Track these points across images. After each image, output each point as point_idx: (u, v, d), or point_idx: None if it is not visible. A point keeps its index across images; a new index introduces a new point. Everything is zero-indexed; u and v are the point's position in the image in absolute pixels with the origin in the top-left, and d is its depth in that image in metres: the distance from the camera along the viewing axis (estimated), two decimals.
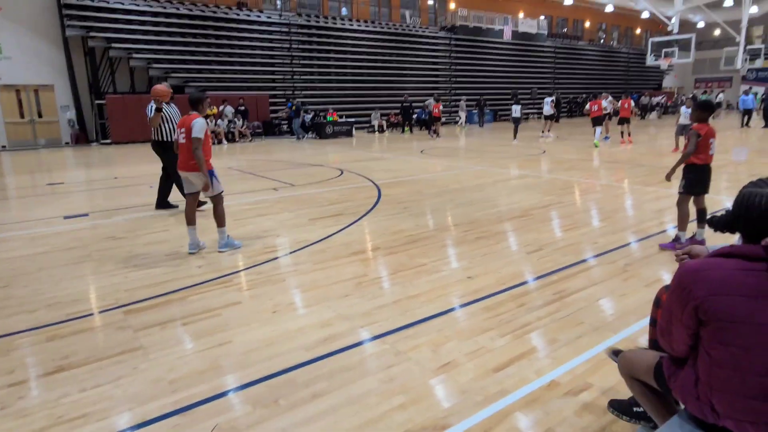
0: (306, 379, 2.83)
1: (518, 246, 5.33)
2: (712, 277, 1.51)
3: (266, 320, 3.61)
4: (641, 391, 1.92)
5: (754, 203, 1.52)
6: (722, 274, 1.51)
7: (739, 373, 1.47)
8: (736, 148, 13.82)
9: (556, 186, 8.80)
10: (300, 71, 24.42)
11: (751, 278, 1.47)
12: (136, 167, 12.73)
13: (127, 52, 19.81)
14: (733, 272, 1.50)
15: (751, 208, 1.53)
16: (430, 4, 31.61)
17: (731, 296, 1.47)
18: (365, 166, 12.04)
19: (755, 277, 1.47)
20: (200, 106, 5.12)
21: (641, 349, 1.99)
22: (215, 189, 5.16)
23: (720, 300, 1.48)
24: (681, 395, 1.66)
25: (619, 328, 3.36)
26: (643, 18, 36.55)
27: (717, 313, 1.49)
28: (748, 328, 1.46)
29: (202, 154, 4.95)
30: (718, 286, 1.50)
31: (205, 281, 4.42)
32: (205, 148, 5.03)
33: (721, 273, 1.51)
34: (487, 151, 15.11)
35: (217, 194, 5.19)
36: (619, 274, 4.39)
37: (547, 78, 35.65)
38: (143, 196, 8.61)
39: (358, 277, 4.46)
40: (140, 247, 5.53)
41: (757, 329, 1.45)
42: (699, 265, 1.56)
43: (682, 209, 5.06)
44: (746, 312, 1.46)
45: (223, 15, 22.12)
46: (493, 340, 3.24)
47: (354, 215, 6.87)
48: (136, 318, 3.69)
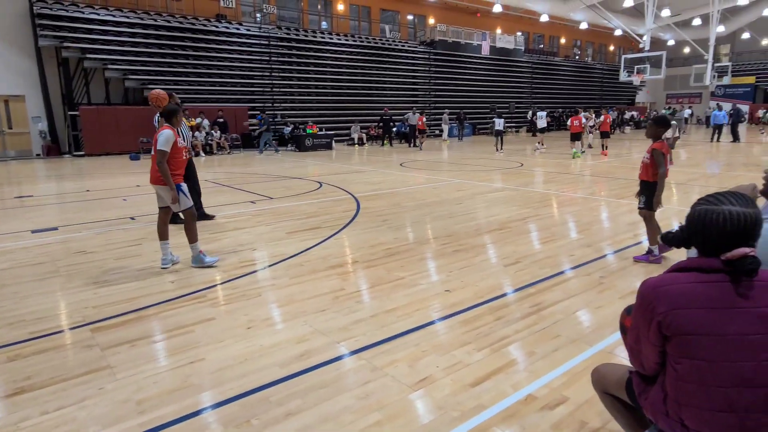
0: (280, 397, 2.76)
1: (496, 259, 5.34)
2: (672, 292, 1.52)
3: (240, 336, 3.53)
4: (614, 406, 1.92)
5: (712, 220, 1.54)
6: (681, 288, 1.52)
7: (705, 387, 1.47)
8: (708, 162, 14.20)
9: (534, 199, 8.89)
10: (279, 84, 24.39)
11: (710, 290, 1.50)
12: (110, 180, 12.48)
13: (102, 62, 19.52)
14: (692, 285, 1.52)
15: (709, 225, 1.54)
16: (409, 19, 32.02)
17: (691, 309, 1.49)
18: (344, 178, 12.02)
19: (713, 289, 1.49)
20: (173, 119, 5.04)
21: (612, 363, 1.99)
22: (182, 204, 5.05)
23: (681, 314, 1.50)
24: (651, 413, 1.65)
25: (594, 341, 3.37)
26: (616, 35, 37.60)
27: (679, 327, 1.50)
28: (710, 340, 1.47)
29: (166, 167, 4.84)
30: (678, 300, 1.51)
31: (178, 297, 4.31)
32: (174, 161, 4.94)
33: (680, 287, 1.53)
34: (466, 164, 15.24)
35: (186, 209, 5.09)
36: (595, 287, 4.43)
37: (524, 92, 36.29)
38: (117, 210, 8.42)
39: (336, 291, 4.41)
40: (111, 262, 5.39)
41: (718, 341, 1.46)
42: (658, 281, 1.57)
43: (652, 223, 5.13)
44: (707, 324, 1.47)
45: (202, 27, 22.02)
46: (471, 354, 3.21)
47: (332, 228, 6.82)
48: (104, 336, 3.56)
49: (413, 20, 32.31)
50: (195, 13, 22.62)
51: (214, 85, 22.08)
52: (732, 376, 1.45)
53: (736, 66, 40.20)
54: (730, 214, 1.51)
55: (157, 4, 22.12)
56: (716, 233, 1.53)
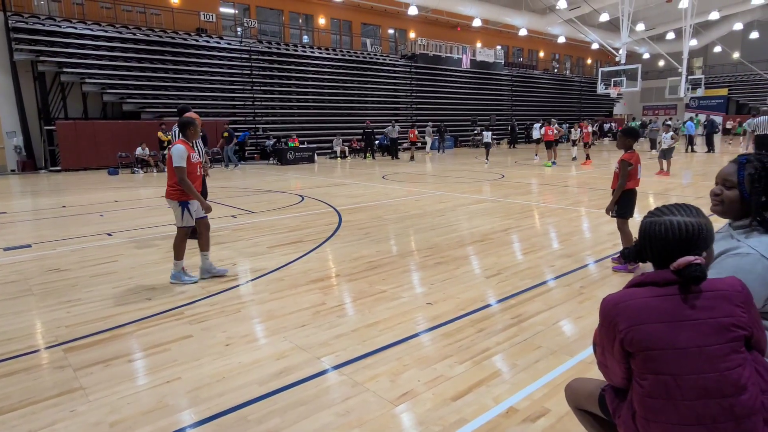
0: (259, 416, 2.70)
1: (477, 270, 5.35)
2: (632, 307, 1.53)
3: (218, 354, 3.46)
4: (588, 422, 1.90)
5: (655, 232, 1.57)
6: (639, 303, 1.53)
7: (672, 401, 1.47)
8: (683, 171, 14.51)
9: (514, 210, 8.96)
10: (261, 97, 24.35)
11: (666, 303, 1.50)
12: (87, 195, 12.26)
13: (79, 76, 19.28)
14: (649, 300, 1.52)
15: (653, 238, 1.57)
16: (390, 33, 32.34)
17: (650, 324, 1.49)
18: (326, 192, 11.98)
19: (669, 302, 1.50)
20: (188, 131, 4.98)
21: (585, 378, 1.98)
22: (183, 221, 4.99)
23: (642, 329, 1.50)
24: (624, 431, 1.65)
25: (575, 351, 3.38)
26: (593, 49, 38.45)
27: (641, 343, 1.50)
28: (671, 354, 1.47)
29: (189, 183, 4.84)
30: (638, 315, 1.51)
31: (155, 314, 4.22)
32: (188, 176, 4.89)
33: (638, 302, 1.53)
34: (448, 176, 15.33)
35: (182, 227, 5.02)
36: (575, 297, 4.45)
37: (504, 105, 36.81)
38: (93, 226, 8.26)
39: (317, 306, 4.36)
40: (86, 280, 5.26)
41: (679, 354, 1.46)
42: (618, 298, 1.58)
43: (625, 231, 5.25)
44: (667, 338, 1.47)
45: (182, 41, 21.94)
46: (452, 367, 3.19)
47: (314, 242, 6.77)
48: (77, 356, 3.46)
49: (394, 34, 32.64)
50: (175, 27, 22.54)
51: (194, 99, 21.94)
52: (696, 388, 1.45)
53: (708, 78, 41.34)
54: (671, 224, 1.54)
55: (136, 18, 22.01)
56: (660, 244, 1.55)
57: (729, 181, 1.88)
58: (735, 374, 1.44)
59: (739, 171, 1.85)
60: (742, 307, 1.48)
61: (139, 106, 20.56)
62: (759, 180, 1.81)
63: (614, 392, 1.72)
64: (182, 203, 4.93)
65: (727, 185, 1.89)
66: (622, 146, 5.23)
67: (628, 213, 5.27)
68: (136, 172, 18.23)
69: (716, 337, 1.46)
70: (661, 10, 35.02)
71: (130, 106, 20.40)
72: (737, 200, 1.84)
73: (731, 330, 1.46)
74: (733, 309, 1.48)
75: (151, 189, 13.50)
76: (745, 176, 1.83)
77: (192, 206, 5.00)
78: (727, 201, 1.87)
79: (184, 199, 4.93)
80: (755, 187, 1.81)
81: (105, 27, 20.31)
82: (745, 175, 1.83)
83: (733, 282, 1.53)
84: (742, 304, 1.49)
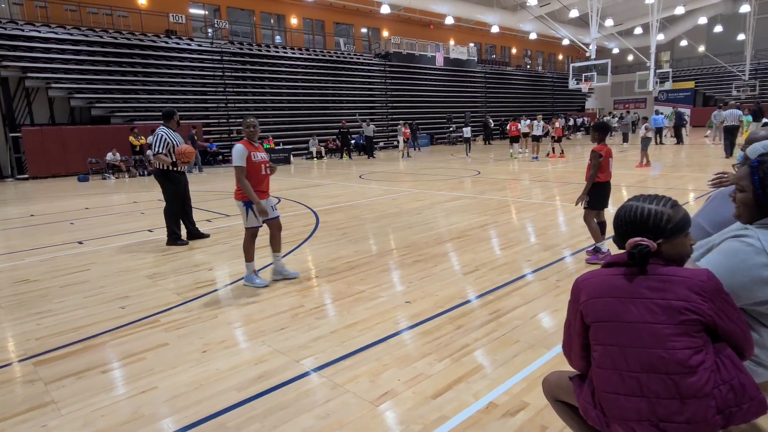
0: (238, 422, 2.67)
1: (455, 267, 5.38)
2: (593, 283, 1.69)
3: (195, 361, 3.40)
4: (566, 413, 1.93)
5: (617, 214, 1.72)
6: (600, 280, 1.68)
7: (618, 372, 1.58)
8: (654, 164, 14.83)
9: (491, 206, 9.04)
10: (234, 99, 24.06)
11: (622, 281, 1.63)
12: (56, 203, 11.93)
13: (45, 81, 18.76)
14: (609, 277, 1.67)
15: (616, 219, 1.72)
16: (363, 32, 32.27)
17: (603, 298, 1.64)
18: (303, 193, 11.91)
19: (624, 281, 1.63)
20: (247, 131, 4.89)
21: (560, 371, 2.01)
22: (248, 222, 4.90)
23: (596, 302, 1.65)
24: (583, 410, 1.73)
25: (553, 344, 3.42)
26: (564, 45, 38.99)
27: (595, 314, 1.65)
28: (619, 327, 1.59)
29: (246, 183, 4.74)
30: (595, 290, 1.67)
31: (129, 323, 4.13)
32: (250, 176, 4.80)
33: (599, 279, 1.69)
34: (424, 173, 15.39)
35: (248, 227, 4.92)
36: (552, 290, 4.51)
37: (479, 101, 37.11)
38: (64, 234, 8.04)
39: (295, 308, 4.32)
40: (57, 290, 5.12)
41: (626, 327, 1.58)
42: (586, 276, 1.74)
43: (590, 223, 5.38)
44: (617, 311, 1.61)
45: (151, 43, 21.52)
46: (432, 365, 3.20)
47: (291, 244, 6.72)
48: (48, 369, 3.36)
49: (367, 33, 32.59)
50: (143, 29, 22.09)
51: (166, 102, 21.54)
52: (641, 362, 1.55)
53: (676, 72, 42.39)
54: (629, 208, 1.68)
55: (102, 20, 21.50)
56: (618, 224, 1.71)
57: (740, 184, 1.85)
58: (682, 354, 1.51)
59: (753, 174, 1.79)
60: (701, 296, 1.53)
61: (108, 111, 20.11)
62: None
63: (579, 378, 1.83)
64: (246, 204, 4.83)
65: (739, 188, 1.85)
66: (594, 140, 5.36)
67: (598, 205, 5.36)
68: (108, 178, 17.83)
69: (665, 317, 1.54)
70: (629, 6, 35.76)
71: (99, 111, 19.94)
72: (751, 203, 1.80)
73: (683, 313, 1.53)
74: (689, 294, 1.54)
75: (124, 195, 13.21)
76: (759, 179, 1.76)
77: (254, 206, 4.87)
78: (740, 203, 1.85)
79: (249, 200, 4.82)
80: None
81: (70, 30, 19.79)
82: (759, 177, 1.76)
83: (699, 272, 1.58)
84: (703, 293, 1.54)
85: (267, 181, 5.05)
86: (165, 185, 6.92)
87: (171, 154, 6.82)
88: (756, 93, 37.97)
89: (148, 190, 14.02)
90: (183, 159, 6.76)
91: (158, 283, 5.19)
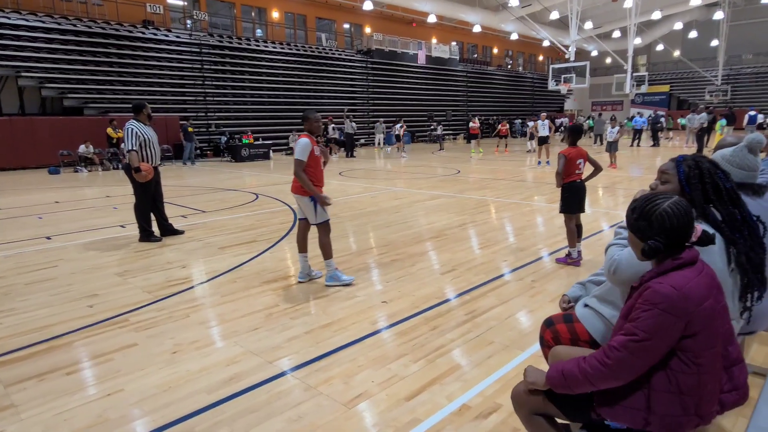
0: (206, 426, 2.60)
1: (432, 267, 5.36)
2: (693, 289, 1.55)
3: (165, 362, 3.31)
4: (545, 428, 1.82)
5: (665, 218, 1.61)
6: (695, 284, 1.56)
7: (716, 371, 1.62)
8: (630, 165, 15.08)
9: (469, 205, 9.07)
10: (213, 92, 23.67)
11: (704, 279, 1.60)
12: (24, 196, 11.57)
13: (14, 70, 18.16)
14: (697, 279, 1.57)
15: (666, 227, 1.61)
16: (345, 28, 32.07)
17: (708, 301, 1.57)
18: (282, 189, 11.77)
19: (706, 278, 1.61)
20: (307, 124, 4.77)
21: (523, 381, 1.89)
22: (317, 217, 4.73)
23: (704, 307, 1.55)
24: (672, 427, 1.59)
25: (526, 345, 3.43)
26: (544, 46, 39.37)
27: (705, 320, 1.55)
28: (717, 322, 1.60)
29: (304, 176, 4.57)
30: (698, 295, 1.55)
31: (97, 322, 4.01)
32: (309, 170, 4.63)
33: (693, 283, 1.56)
34: (404, 171, 15.37)
35: (320, 222, 4.75)
36: (527, 291, 4.53)
37: (460, 100, 37.25)
38: (31, 229, 7.79)
39: (269, 308, 4.25)
40: (21, 288, 4.94)
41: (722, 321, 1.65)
42: (678, 283, 1.55)
43: (569, 227, 5.36)
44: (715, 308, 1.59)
45: (127, 33, 21.00)
46: (407, 366, 3.18)
47: (268, 242, 6.63)
48: (8, 371, 3.24)
49: (350, 29, 32.40)
50: (119, 18, 21.55)
51: (142, 94, 21.07)
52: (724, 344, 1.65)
53: (652, 75, 43.17)
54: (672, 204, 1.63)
55: (76, 8, 20.90)
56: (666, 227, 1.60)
57: (665, 175, 2.03)
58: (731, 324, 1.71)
59: (678, 168, 1.98)
60: None
61: (81, 102, 19.56)
62: (694, 177, 1.94)
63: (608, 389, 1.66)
64: (312, 199, 4.68)
65: (663, 180, 2.03)
66: (569, 143, 5.37)
67: (572, 209, 5.36)
68: (80, 171, 17.37)
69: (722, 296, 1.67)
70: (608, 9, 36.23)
71: (72, 102, 19.40)
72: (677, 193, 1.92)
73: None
74: None
75: (96, 188, 12.88)
76: (683, 171, 1.96)
77: (317, 200, 4.71)
78: None
79: (313, 194, 4.67)
80: (693, 183, 1.93)
81: (42, 18, 19.17)
82: (684, 170, 1.96)
83: None
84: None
85: (322, 175, 4.93)
86: (134, 181, 6.75)
87: (143, 148, 6.65)
88: (728, 98, 38.95)
89: (121, 184, 13.70)
90: (140, 178, 6.56)
91: (129, 281, 5.06)
